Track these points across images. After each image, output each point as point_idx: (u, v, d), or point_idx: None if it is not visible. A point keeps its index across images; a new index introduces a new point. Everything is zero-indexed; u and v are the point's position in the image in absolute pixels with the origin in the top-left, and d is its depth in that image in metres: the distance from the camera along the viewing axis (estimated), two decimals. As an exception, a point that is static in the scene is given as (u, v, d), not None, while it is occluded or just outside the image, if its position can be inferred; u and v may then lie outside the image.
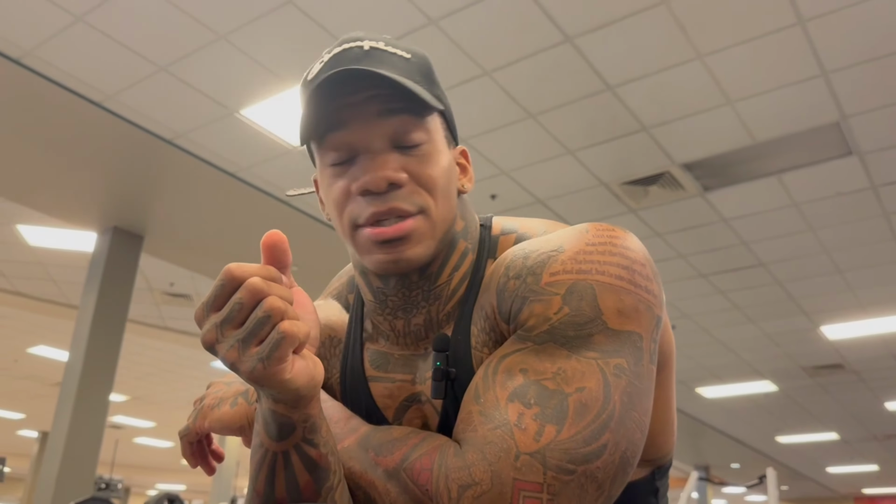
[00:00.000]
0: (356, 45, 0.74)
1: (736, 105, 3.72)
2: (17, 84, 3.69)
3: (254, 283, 0.55)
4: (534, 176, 4.49)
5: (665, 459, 0.84)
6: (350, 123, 0.71)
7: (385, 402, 0.79)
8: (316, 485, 0.63)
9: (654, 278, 0.70)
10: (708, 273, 5.75)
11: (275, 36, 3.34)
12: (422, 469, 0.64)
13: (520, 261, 0.72)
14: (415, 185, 0.72)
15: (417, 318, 0.78)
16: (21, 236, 5.89)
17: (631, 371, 0.65)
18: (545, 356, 0.65)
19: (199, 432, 0.81)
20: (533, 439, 0.61)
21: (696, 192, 4.60)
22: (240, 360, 0.55)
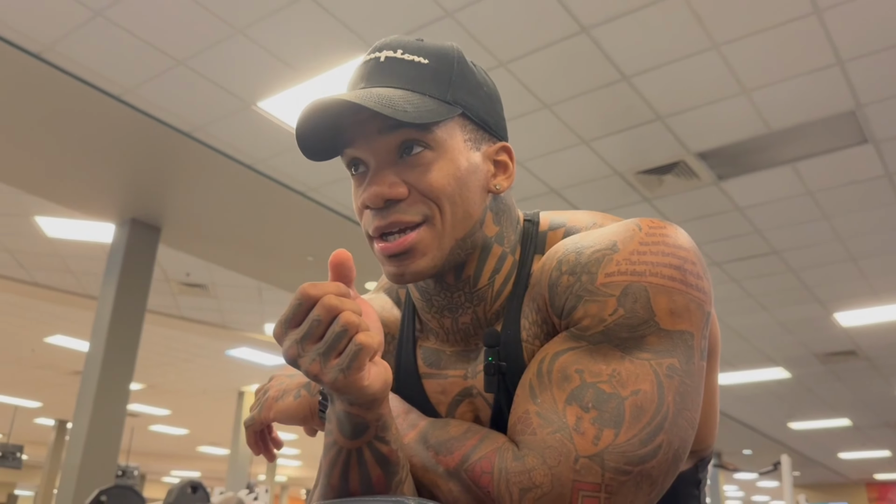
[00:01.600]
0: (375, 56, 0.77)
1: (751, 94, 3.73)
2: (37, 78, 3.74)
3: (329, 300, 0.58)
4: (548, 166, 4.51)
5: (708, 451, 0.86)
6: (357, 140, 0.75)
7: (438, 398, 0.82)
8: (387, 479, 0.67)
9: (703, 275, 0.72)
10: (722, 261, 5.75)
11: (291, 29, 3.37)
12: (482, 472, 0.67)
13: (573, 255, 0.73)
14: (417, 195, 0.74)
15: (464, 317, 0.80)
16: (39, 228, 5.96)
17: (683, 370, 0.67)
18: (599, 357, 0.68)
19: (264, 423, 0.85)
20: (591, 443, 0.64)
21: (710, 181, 4.60)
22: (322, 372, 0.58)
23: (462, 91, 0.77)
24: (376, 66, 0.76)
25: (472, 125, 0.78)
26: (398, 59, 0.76)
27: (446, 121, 0.76)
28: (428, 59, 0.77)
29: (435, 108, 0.73)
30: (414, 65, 0.76)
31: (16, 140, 4.36)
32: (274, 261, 6.17)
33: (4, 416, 14.48)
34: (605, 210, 5.06)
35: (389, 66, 0.76)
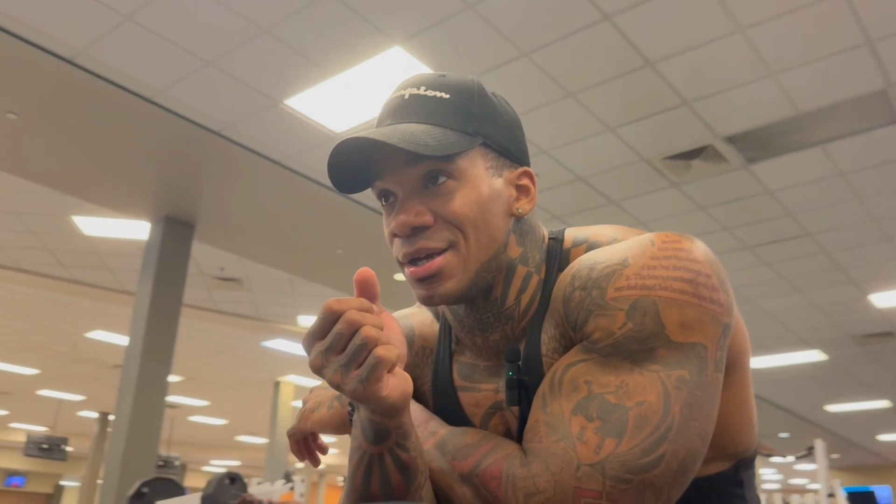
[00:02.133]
0: (399, 94, 0.82)
1: (778, 76, 3.69)
2: (70, 82, 3.83)
3: (351, 315, 0.62)
4: (574, 154, 4.51)
5: (747, 452, 0.87)
6: (385, 173, 0.80)
7: (472, 411, 0.85)
8: (406, 484, 0.71)
9: (720, 287, 0.72)
10: (753, 245, 5.70)
11: (315, 27, 3.41)
12: (492, 477, 0.71)
13: (585, 271, 0.76)
14: (443, 223, 0.78)
15: (494, 335, 0.84)
16: (77, 227, 6.11)
17: (693, 382, 0.69)
18: (609, 369, 0.70)
19: (303, 432, 0.91)
20: (594, 452, 0.66)
21: (739, 165, 4.57)
22: (343, 382, 0.62)
23: (482, 122, 0.81)
24: (401, 103, 0.81)
25: (493, 153, 0.82)
26: (421, 95, 0.80)
27: (468, 151, 0.79)
28: (449, 94, 0.80)
29: (456, 139, 0.77)
30: (436, 100, 0.80)
31: (52, 143, 4.47)
32: (305, 254, 6.25)
33: (49, 409, 14.88)
34: (634, 197, 5.04)
35: (414, 102, 0.80)
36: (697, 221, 5.36)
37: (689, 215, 5.27)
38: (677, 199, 5.07)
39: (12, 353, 10.67)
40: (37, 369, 11.69)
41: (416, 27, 3.41)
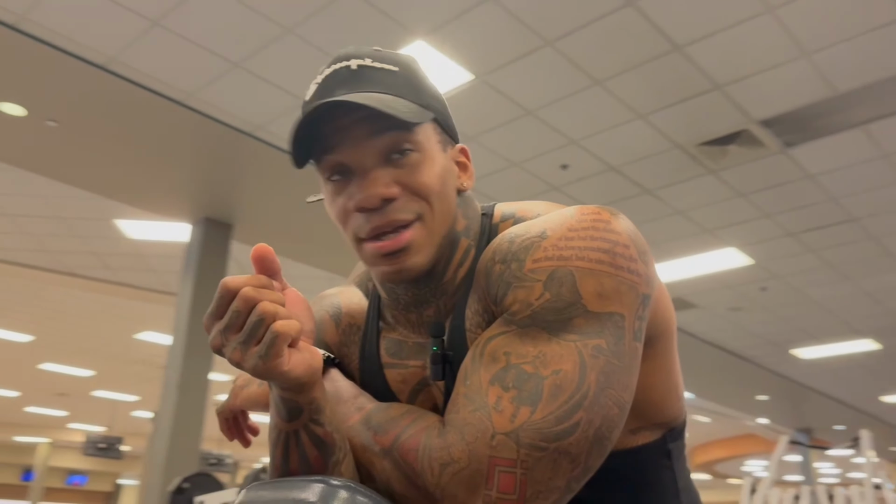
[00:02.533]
0: (344, 65, 0.79)
1: (812, 57, 3.58)
2: (106, 89, 3.92)
3: (246, 292, 0.62)
4: (605, 143, 4.45)
5: (675, 422, 0.87)
6: (342, 146, 0.76)
7: (399, 387, 0.84)
8: (323, 459, 0.70)
9: (639, 258, 0.72)
10: (797, 231, 5.55)
11: (338, 24, 3.43)
12: (409, 449, 0.70)
13: (505, 244, 0.76)
14: (409, 195, 0.77)
15: (429, 311, 0.83)
16: (120, 230, 6.27)
17: (610, 351, 0.68)
18: (528, 339, 0.69)
19: (233, 409, 0.90)
20: (509, 420, 0.66)
21: (777, 149, 4.45)
22: (243, 360, 0.62)
23: (429, 97, 0.81)
24: (350, 74, 0.78)
25: (440, 128, 0.82)
26: (370, 66, 0.78)
27: (423, 124, 0.79)
28: (397, 67, 0.80)
29: (417, 110, 0.77)
30: (387, 72, 0.78)
31: (92, 148, 4.59)
32: (342, 252, 6.30)
33: (106, 409, 15.30)
34: (669, 185, 4.96)
35: (364, 73, 0.78)
36: (737, 209, 5.24)
37: (728, 202, 5.16)
38: (715, 187, 4.96)
39: (68, 355, 11.01)
40: (92, 371, 12.04)
41: (439, 20, 3.41)
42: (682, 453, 0.89)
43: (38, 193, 5.57)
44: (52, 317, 9.06)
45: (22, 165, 4.89)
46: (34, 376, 12.62)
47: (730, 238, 5.74)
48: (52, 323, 9.33)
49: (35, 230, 6.34)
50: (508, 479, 0.65)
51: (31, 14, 3.37)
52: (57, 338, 10.07)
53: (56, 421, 17.98)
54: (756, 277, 6.49)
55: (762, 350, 8.75)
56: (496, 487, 0.65)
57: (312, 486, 0.63)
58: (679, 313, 7.53)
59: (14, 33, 3.47)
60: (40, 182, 5.29)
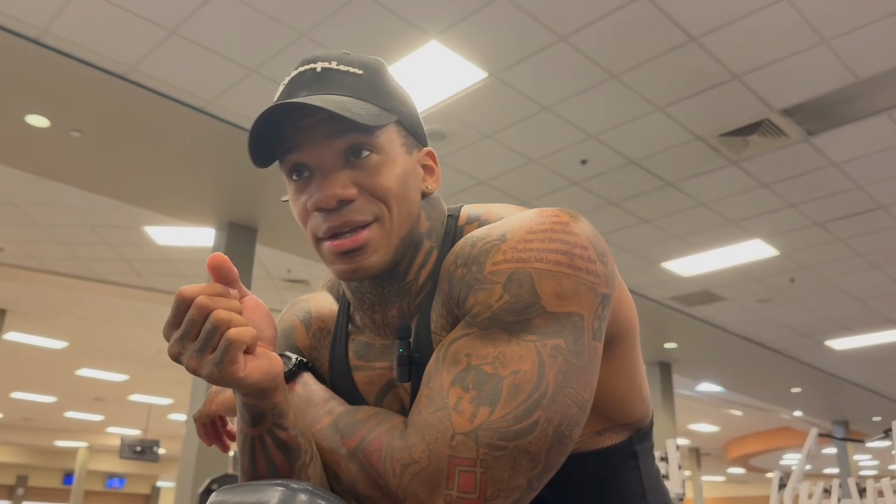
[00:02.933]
0: (310, 67, 0.81)
1: (831, 43, 3.53)
2: (127, 98, 3.99)
3: (200, 301, 0.63)
4: (624, 137, 4.42)
5: (642, 423, 0.88)
6: (303, 146, 0.78)
7: (367, 389, 0.86)
8: (289, 463, 0.72)
9: (598, 259, 0.73)
10: (823, 221, 5.47)
11: (351, 27, 3.46)
12: (373, 450, 0.72)
13: (467, 248, 0.76)
14: (367, 197, 0.78)
15: (392, 311, 0.84)
16: (150, 237, 6.37)
17: (569, 350, 0.69)
18: (488, 341, 0.70)
19: (210, 415, 0.92)
20: (468, 420, 0.66)
21: (800, 138, 4.39)
22: (199, 367, 0.63)
23: (394, 100, 0.82)
24: (314, 76, 0.80)
25: (404, 131, 0.83)
26: (334, 69, 0.80)
27: (386, 126, 0.80)
28: (362, 70, 0.81)
29: (378, 113, 0.78)
30: (351, 75, 0.80)
31: (116, 158, 4.68)
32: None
33: (141, 413, 15.56)
34: (691, 177, 4.91)
35: (328, 76, 0.80)
36: (761, 199, 5.18)
37: (751, 193, 5.10)
38: (738, 177, 4.91)
39: (104, 360, 11.21)
40: (126, 375, 12.25)
41: (451, 19, 3.42)
42: (648, 454, 0.90)
43: (66, 203, 5.69)
44: (86, 323, 9.24)
45: (49, 176, 4.99)
46: (71, 382, 12.88)
47: (755, 229, 5.67)
48: (85, 329, 9.52)
49: (66, 239, 6.47)
50: (468, 479, 0.66)
51: (52, 27, 3.45)
52: (91, 344, 10.27)
53: (94, 426, 18.31)
54: (784, 268, 6.41)
55: (794, 342, 8.63)
56: (457, 486, 0.66)
57: (273, 490, 0.65)
58: (707, 307, 7.46)
59: (36, 47, 3.55)
60: (69, 192, 5.40)
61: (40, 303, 8.51)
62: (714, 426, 15.56)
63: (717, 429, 15.84)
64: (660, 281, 6.78)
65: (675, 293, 7.11)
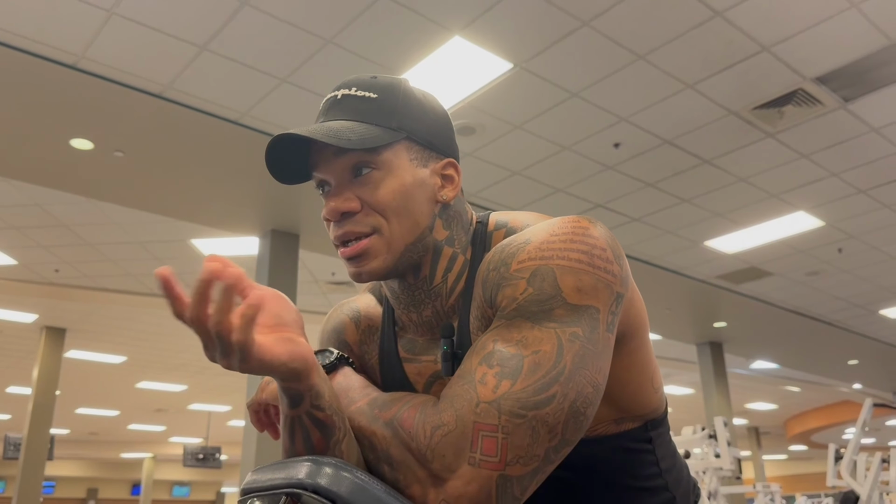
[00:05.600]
0: (333, 94, 0.91)
1: (861, 6, 3.46)
2: (164, 116, 4.12)
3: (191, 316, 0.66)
4: (656, 117, 4.40)
5: (655, 414, 0.95)
6: (319, 164, 0.89)
7: (415, 379, 0.95)
8: (325, 440, 0.79)
9: (615, 261, 0.80)
10: (867, 188, 5.36)
11: (374, 29, 3.51)
12: (408, 418, 0.80)
13: (497, 255, 0.84)
14: (368, 210, 0.87)
15: (426, 312, 0.93)
16: (196, 249, 6.54)
17: (586, 337, 0.76)
18: (513, 328, 0.78)
19: (261, 403, 0.98)
20: (492, 391, 0.74)
21: (836, 105, 4.31)
22: (230, 367, 0.70)
23: (405, 118, 0.90)
24: (334, 103, 0.90)
25: (417, 146, 0.91)
26: (351, 95, 0.90)
27: (392, 144, 0.88)
28: (376, 94, 0.89)
29: (379, 134, 0.86)
30: (364, 99, 0.89)
31: (159, 174, 4.82)
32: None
33: (201, 421, 15.93)
34: (728, 153, 4.85)
35: (344, 101, 0.89)
36: (802, 170, 5.09)
37: (791, 165, 5.02)
38: (776, 150, 4.84)
39: (162, 372, 11.53)
40: (185, 385, 12.56)
41: (472, 14, 3.45)
42: (664, 439, 0.98)
43: (115, 221, 5.88)
44: (142, 337, 9.52)
45: (96, 196, 5.17)
46: (132, 395, 13.27)
47: (798, 201, 5.58)
48: (142, 343, 9.80)
49: (117, 256, 6.68)
50: (491, 443, 0.72)
51: (88, 52, 3.58)
52: (148, 357, 10.56)
53: (157, 436, 18.81)
54: (830, 239, 6.28)
55: (848, 313, 8.45)
56: (480, 450, 0.72)
57: (301, 465, 0.71)
58: (755, 283, 7.35)
59: (74, 72, 3.69)
60: (116, 210, 5.58)
61: (97, 320, 8.79)
62: (772, 404, 15.29)
63: (776, 406, 15.56)
64: (704, 260, 6.71)
65: (720, 272, 7.02)
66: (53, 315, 8.56)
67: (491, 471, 0.71)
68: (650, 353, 0.93)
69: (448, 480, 0.73)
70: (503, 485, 0.72)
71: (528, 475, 0.73)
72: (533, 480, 0.74)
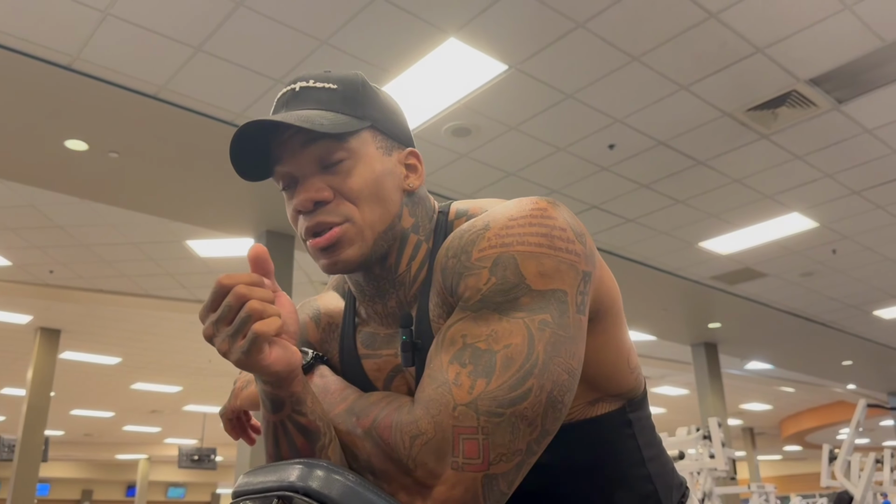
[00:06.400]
0: (290, 88, 0.89)
1: (854, 8, 3.48)
2: (159, 117, 4.12)
3: (239, 289, 0.69)
4: (651, 118, 4.41)
5: (633, 393, 0.93)
6: (283, 157, 0.86)
7: (375, 375, 0.93)
8: (310, 445, 0.79)
9: (577, 239, 0.79)
10: (861, 189, 5.38)
11: (369, 31, 3.51)
12: (384, 427, 0.78)
13: (455, 241, 0.82)
14: (340, 199, 0.85)
15: (391, 302, 0.91)
16: (192, 250, 6.53)
17: (555, 323, 0.75)
18: (481, 321, 0.76)
19: (234, 410, 0.98)
20: (467, 392, 0.72)
21: (829, 107, 4.33)
22: (230, 352, 0.69)
23: (368, 108, 0.89)
24: (293, 95, 0.88)
25: (381, 136, 0.90)
26: (311, 87, 0.88)
27: (359, 133, 0.87)
28: (337, 85, 0.88)
29: (347, 121, 0.85)
30: (325, 90, 0.87)
31: (154, 175, 4.82)
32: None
33: (196, 423, 15.91)
34: (722, 154, 4.87)
35: (304, 93, 0.87)
36: (796, 171, 5.11)
37: (785, 166, 5.04)
38: (770, 151, 4.86)
39: (157, 373, 11.50)
40: (180, 386, 12.54)
41: (467, 15, 3.45)
42: (645, 424, 0.95)
43: (110, 222, 5.87)
44: (137, 338, 9.50)
45: (90, 197, 5.16)
46: (127, 396, 13.24)
47: (792, 202, 5.60)
48: (137, 344, 9.78)
49: (112, 257, 6.67)
50: (472, 445, 0.71)
51: (83, 53, 3.57)
52: (143, 358, 10.54)
53: (152, 437, 18.77)
54: (825, 240, 6.31)
55: (842, 314, 8.47)
56: (462, 453, 0.71)
57: (293, 468, 0.71)
58: (749, 284, 7.37)
59: (69, 73, 3.69)
60: (111, 211, 5.57)
61: (92, 321, 8.77)
62: (766, 404, 15.33)
63: (770, 407, 15.60)
64: (699, 261, 6.72)
65: (715, 272, 7.04)
66: (48, 316, 8.54)
67: (475, 472, 0.71)
68: (625, 332, 0.92)
69: (433, 487, 0.73)
70: (489, 484, 0.72)
71: (512, 470, 0.72)
72: (518, 473, 0.74)
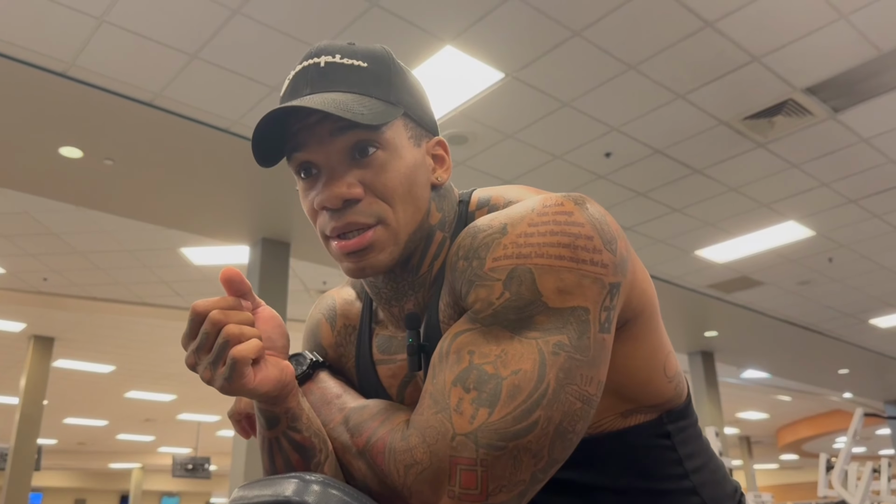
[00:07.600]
0: (314, 62, 0.79)
1: (850, 18, 3.48)
2: (154, 124, 4.10)
3: (214, 315, 0.66)
4: (647, 127, 4.41)
5: (671, 404, 0.86)
6: (308, 144, 0.77)
7: (389, 382, 0.87)
8: (305, 462, 0.76)
9: (604, 248, 0.71)
10: (857, 198, 5.38)
11: (366, 39, 3.50)
12: (378, 452, 0.74)
13: (468, 240, 0.75)
14: (372, 197, 0.77)
15: (409, 304, 0.84)
16: (186, 258, 6.50)
17: (572, 346, 0.68)
18: (491, 338, 0.70)
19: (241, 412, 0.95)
20: (468, 422, 0.67)
21: (826, 116, 4.33)
22: (213, 379, 0.67)
23: (401, 91, 0.80)
24: (318, 71, 0.78)
25: (412, 123, 0.81)
26: (338, 63, 0.78)
27: (392, 121, 0.78)
28: (366, 63, 0.79)
29: (383, 109, 0.76)
30: (354, 69, 0.78)
31: (149, 183, 4.79)
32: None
33: (190, 432, 15.83)
34: (719, 163, 4.87)
35: (331, 71, 0.78)
36: (792, 180, 5.11)
37: (781, 174, 5.04)
38: (766, 160, 4.86)
39: (151, 381, 11.45)
40: (174, 395, 12.48)
41: (464, 23, 3.45)
42: (689, 434, 0.88)
43: (104, 230, 5.84)
44: (131, 346, 9.45)
45: (85, 204, 5.13)
46: (121, 405, 13.17)
47: (788, 211, 5.60)
48: (131, 352, 9.74)
49: (106, 265, 6.64)
50: (470, 477, 0.67)
51: (78, 60, 3.56)
52: (137, 366, 10.49)
53: (146, 446, 18.68)
54: (821, 248, 6.31)
55: (838, 322, 8.47)
56: (459, 484, 0.67)
57: (288, 482, 0.69)
58: (745, 292, 7.37)
59: (64, 80, 3.67)
60: (105, 219, 5.54)
61: (86, 329, 8.72)
62: (763, 413, 15.32)
63: (767, 416, 15.59)
64: (695, 269, 6.72)
65: (711, 281, 7.03)
66: (41, 324, 8.49)
67: (473, 502, 0.66)
68: (661, 338, 0.83)
69: None
70: None
71: (514, 499, 0.68)
72: (521, 500, 0.69)
